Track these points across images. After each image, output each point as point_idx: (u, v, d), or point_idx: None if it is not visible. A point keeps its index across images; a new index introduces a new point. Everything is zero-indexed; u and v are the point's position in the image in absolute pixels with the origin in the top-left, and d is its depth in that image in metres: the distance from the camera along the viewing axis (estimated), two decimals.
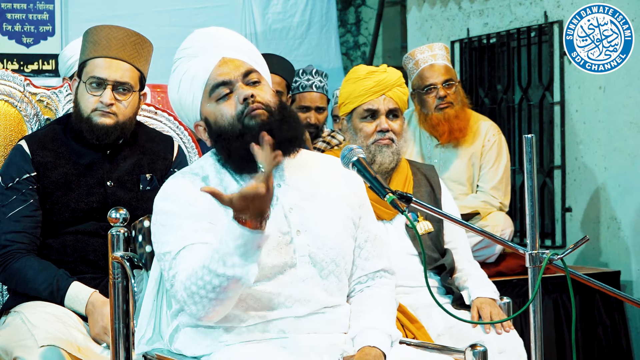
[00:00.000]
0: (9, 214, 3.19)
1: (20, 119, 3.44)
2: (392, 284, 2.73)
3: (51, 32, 7.19)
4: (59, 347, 2.94)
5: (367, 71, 3.51)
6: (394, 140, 3.46)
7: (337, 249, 2.59)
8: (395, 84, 3.47)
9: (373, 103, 3.45)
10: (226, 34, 2.65)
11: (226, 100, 2.55)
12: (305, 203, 2.58)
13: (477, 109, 5.74)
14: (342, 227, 2.62)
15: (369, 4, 9.22)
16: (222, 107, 2.55)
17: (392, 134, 3.46)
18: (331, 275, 2.59)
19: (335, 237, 2.60)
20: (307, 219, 2.57)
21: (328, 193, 2.64)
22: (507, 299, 3.44)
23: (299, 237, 2.54)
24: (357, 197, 2.70)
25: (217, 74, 2.56)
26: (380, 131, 3.45)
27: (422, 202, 2.56)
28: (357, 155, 2.62)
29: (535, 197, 2.38)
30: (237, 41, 2.64)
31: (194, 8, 7.67)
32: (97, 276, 3.21)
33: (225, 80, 2.55)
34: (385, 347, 2.53)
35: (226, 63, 2.57)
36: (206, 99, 2.57)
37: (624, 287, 5.32)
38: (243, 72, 2.56)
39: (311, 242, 2.55)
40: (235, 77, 2.55)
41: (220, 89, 2.55)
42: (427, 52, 4.91)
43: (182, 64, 2.63)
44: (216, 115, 2.56)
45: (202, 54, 2.59)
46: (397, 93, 3.47)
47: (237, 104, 2.53)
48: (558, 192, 5.80)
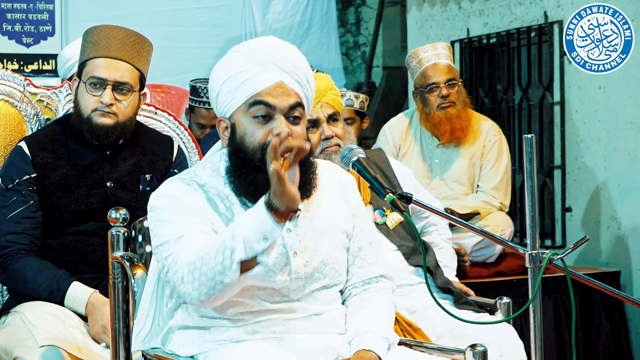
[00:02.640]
0: (9, 215, 3.19)
1: (20, 119, 3.44)
2: (389, 288, 2.73)
3: (51, 32, 7.19)
4: (59, 347, 2.94)
5: None
6: (340, 145, 3.40)
7: (331, 265, 2.60)
8: (327, 88, 3.40)
9: (311, 113, 3.36)
10: (296, 59, 2.58)
11: (261, 122, 2.51)
12: (302, 222, 2.57)
13: (477, 109, 5.73)
14: (336, 241, 2.62)
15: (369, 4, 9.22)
16: (255, 126, 2.51)
17: (337, 139, 3.39)
18: (324, 289, 2.60)
19: (329, 253, 2.59)
20: (304, 240, 2.56)
21: (324, 208, 2.62)
22: (507, 299, 3.44)
23: (295, 259, 2.54)
24: (350, 207, 2.68)
25: (267, 93, 2.51)
26: (325, 139, 3.42)
27: (421, 202, 2.56)
28: (357, 155, 2.62)
29: (535, 197, 2.38)
30: (300, 70, 2.57)
31: (194, 8, 7.68)
32: (97, 276, 3.21)
33: (271, 104, 2.50)
34: (382, 350, 2.52)
35: (281, 88, 2.52)
36: (244, 108, 2.53)
37: (624, 287, 5.32)
38: (290, 105, 2.52)
39: (307, 262, 2.55)
40: (281, 107, 2.51)
41: (262, 109, 2.51)
42: (430, 51, 4.91)
43: (242, 62, 2.56)
44: (246, 131, 2.52)
45: (265, 67, 2.53)
46: (331, 97, 3.40)
47: (270, 135, 2.49)
48: (558, 192, 5.80)
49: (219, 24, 7.74)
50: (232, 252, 2.33)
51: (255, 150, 2.50)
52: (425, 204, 2.60)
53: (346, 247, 2.66)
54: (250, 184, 2.50)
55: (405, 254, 3.43)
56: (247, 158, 2.51)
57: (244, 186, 2.51)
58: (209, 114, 5.55)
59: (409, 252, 3.44)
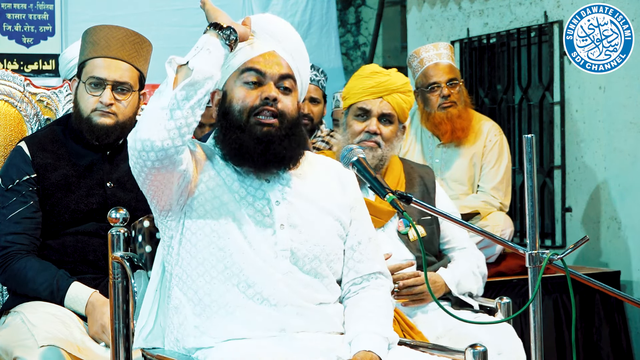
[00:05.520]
0: (9, 215, 3.19)
1: (20, 119, 3.44)
2: (387, 286, 2.74)
3: (51, 32, 7.19)
4: (59, 347, 2.94)
5: (372, 71, 3.48)
6: (380, 145, 3.41)
7: (321, 246, 2.61)
8: (397, 89, 3.42)
9: (367, 103, 3.41)
10: (291, 34, 2.67)
11: (251, 88, 2.58)
12: (293, 199, 2.61)
13: (477, 109, 5.73)
14: (329, 225, 2.64)
15: (369, 4, 9.22)
16: (244, 91, 2.58)
17: (380, 138, 3.40)
18: (313, 272, 2.60)
19: (319, 235, 2.61)
20: (292, 214, 2.59)
21: (318, 191, 2.66)
22: (507, 299, 3.44)
23: (282, 231, 2.56)
24: (348, 198, 2.70)
25: (259, 60, 2.59)
26: (368, 132, 3.42)
27: (421, 202, 2.56)
28: (357, 155, 2.62)
29: (535, 197, 2.37)
30: (296, 47, 2.66)
31: (194, 8, 7.66)
32: (97, 276, 3.21)
33: (261, 70, 2.58)
34: (382, 351, 2.53)
35: (273, 56, 2.60)
36: (236, 75, 2.60)
37: (624, 287, 5.32)
38: (281, 74, 2.60)
39: (294, 237, 2.57)
40: (272, 74, 2.59)
41: (253, 75, 2.58)
42: (432, 51, 4.91)
43: None
44: (235, 96, 2.59)
45: (258, 36, 2.62)
46: (396, 99, 3.42)
47: (258, 98, 2.56)
48: (558, 192, 5.80)
49: None
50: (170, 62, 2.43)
51: (241, 111, 2.57)
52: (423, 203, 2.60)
53: (341, 237, 2.67)
54: (234, 142, 2.56)
55: (419, 265, 3.43)
56: (234, 119, 2.58)
57: (228, 144, 2.57)
58: (207, 112, 5.55)
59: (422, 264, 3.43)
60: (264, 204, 2.58)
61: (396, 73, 3.49)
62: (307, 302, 2.57)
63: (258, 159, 2.56)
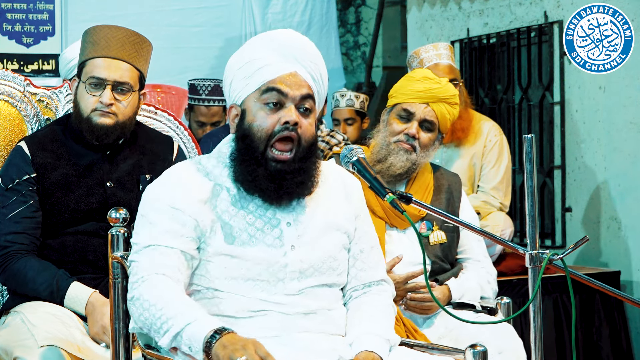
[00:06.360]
0: (9, 215, 3.19)
1: (20, 119, 3.44)
2: (389, 291, 2.74)
3: (51, 32, 7.19)
4: (59, 347, 2.94)
5: (424, 75, 3.48)
6: (415, 150, 3.41)
7: (329, 263, 2.61)
8: (445, 99, 3.43)
9: (413, 106, 3.42)
10: (311, 52, 2.63)
11: (272, 109, 2.54)
12: (304, 218, 2.59)
13: (477, 109, 5.74)
14: (336, 240, 2.63)
15: (369, 4, 9.22)
16: (265, 113, 2.54)
17: (417, 143, 3.41)
18: (321, 285, 2.60)
19: (329, 252, 2.60)
20: (303, 235, 2.58)
21: (328, 207, 2.64)
22: (507, 299, 3.44)
23: (292, 252, 2.55)
24: (354, 207, 2.69)
25: (280, 81, 2.55)
26: (407, 134, 3.42)
27: (421, 202, 2.56)
28: (357, 155, 2.62)
29: (535, 197, 2.38)
30: (316, 65, 2.62)
31: (194, 8, 7.68)
32: (97, 276, 3.21)
33: (283, 91, 2.54)
34: (383, 352, 2.53)
35: (294, 77, 2.56)
36: (256, 95, 2.56)
37: (624, 287, 5.32)
38: (302, 95, 2.56)
39: (304, 258, 2.56)
40: (293, 96, 2.54)
41: (275, 96, 2.54)
42: (432, 51, 4.91)
43: (259, 49, 2.60)
44: (255, 117, 2.55)
45: (282, 56, 2.58)
46: (441, 108, 3.43)
47: (278, 123, 2.53)
48: (558, 192, 5.80)
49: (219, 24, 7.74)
50: (168, 330, 2.39)
51: (261, 139, 2.53)
52: (427, 205, 2.60)
53: (346, 248, 2.66)
54: (249, 174, 2.53)
55: (434, 270, 3.44)
56: (252, 146, 2.54)
57: (242, 173, 2.54)
58: (208, 111, 5.56)
59: (437, 270, 3.44)
60: (275, 224, 2.57)
61: (447, 83, 3.50)
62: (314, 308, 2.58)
63: (270, 194, 2.54)
